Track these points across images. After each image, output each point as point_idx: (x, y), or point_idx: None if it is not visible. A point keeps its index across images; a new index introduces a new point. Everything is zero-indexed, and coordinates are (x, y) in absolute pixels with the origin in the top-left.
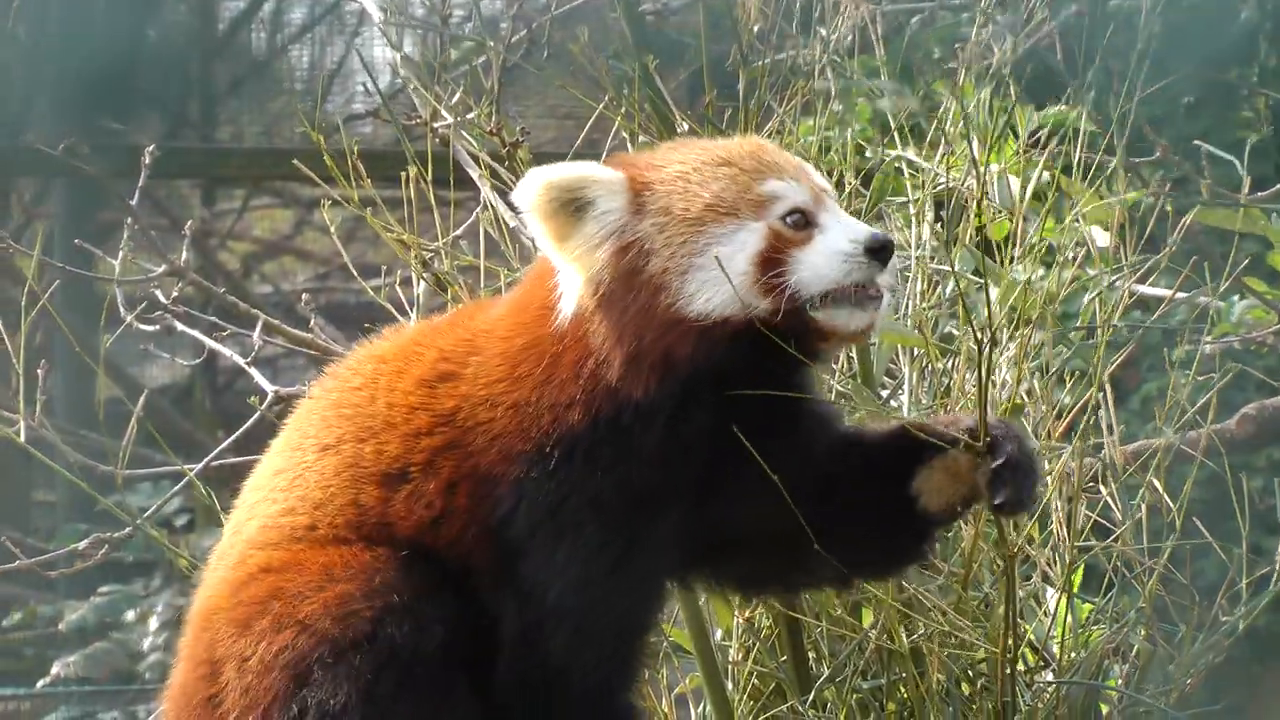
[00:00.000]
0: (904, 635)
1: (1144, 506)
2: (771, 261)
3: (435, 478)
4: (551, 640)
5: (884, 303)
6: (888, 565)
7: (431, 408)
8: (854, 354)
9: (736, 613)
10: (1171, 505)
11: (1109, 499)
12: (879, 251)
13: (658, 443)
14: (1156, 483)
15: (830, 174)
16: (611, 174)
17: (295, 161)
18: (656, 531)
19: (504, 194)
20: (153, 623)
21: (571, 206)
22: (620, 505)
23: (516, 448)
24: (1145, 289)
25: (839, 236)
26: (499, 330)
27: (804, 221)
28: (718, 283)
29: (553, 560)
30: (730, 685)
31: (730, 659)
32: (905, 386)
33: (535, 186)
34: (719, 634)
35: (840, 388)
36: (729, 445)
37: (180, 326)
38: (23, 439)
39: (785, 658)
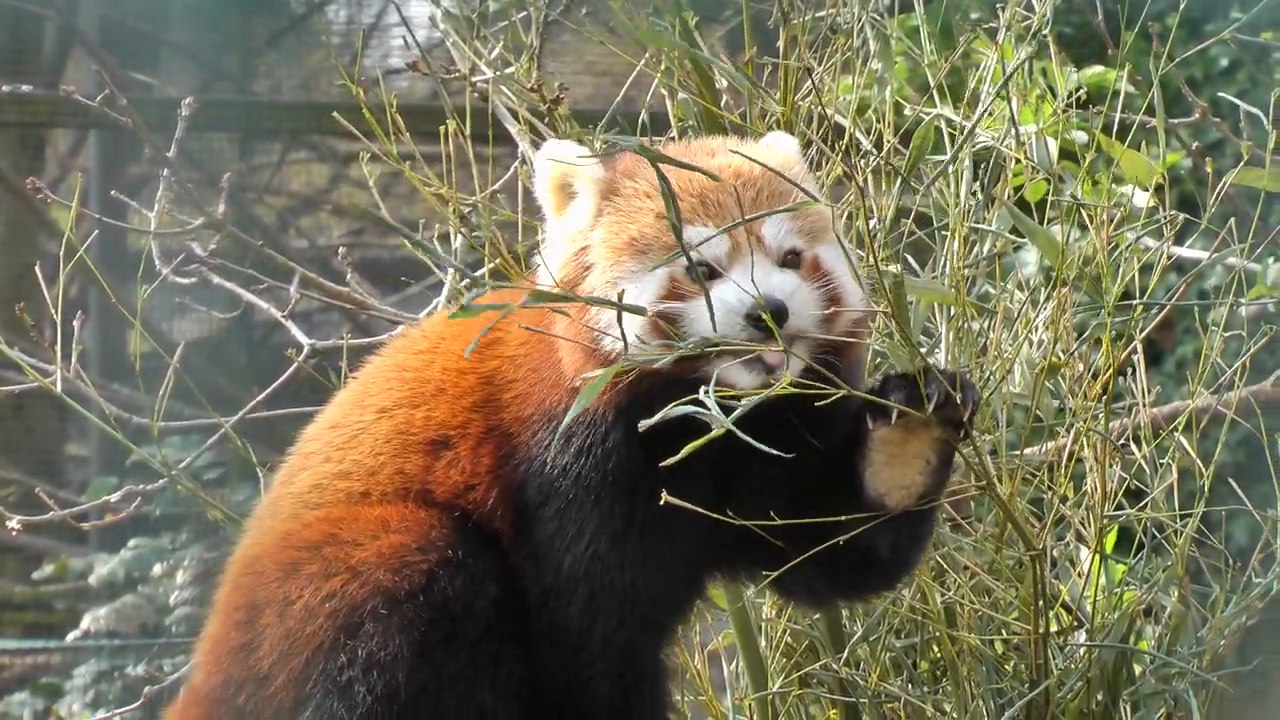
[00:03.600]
0: (938, 595)
1: (1175, 469)
2: (669, 311)
3: (468, 437)
4: (569, 606)
5: (783, 369)
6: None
7: (477, 370)
8: (890, 313)
9: None
10: (1203, 468)
11: (1141, 461)
12: (759, 320)
13: (618, 444)
14: (1187, 444)
15: (869, 132)
16: (595, 172)
17: (335, 115)
18: (660, 516)
19: None
20: (180, 577)
21: (567, 189)
22: (610, 489)
23: (526, 411)
24: (1182, 251)
25: (729, 294)
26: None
27: (708, 274)
28: (624, 320)
29: (563, 531)
30: (763, 642)
31: (763, 616)
32: (941, 345)
33: (548, 156)
34: (752, 591)
35: (877, 347)
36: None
37: (217, 279)
38: (59, 390)
39: (818, 615)
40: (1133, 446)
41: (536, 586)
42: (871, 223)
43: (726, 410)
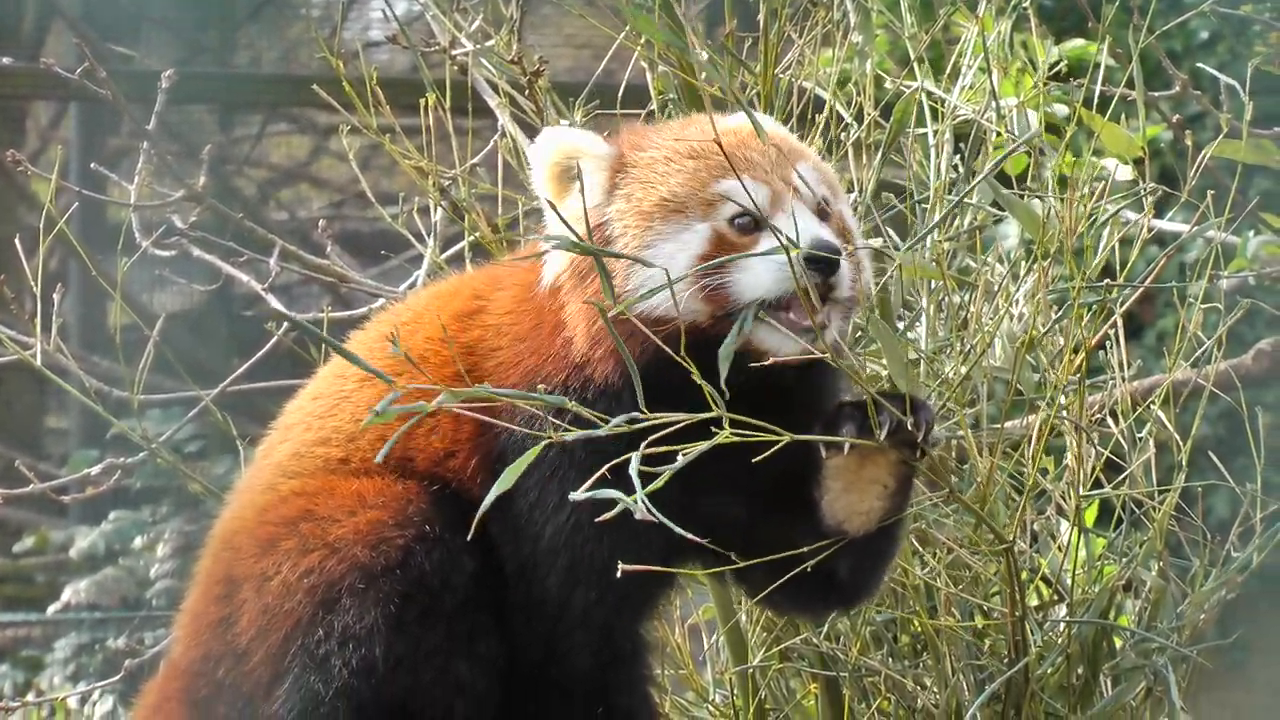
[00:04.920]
0: (918, 569)
1: (1152, 443)
2: (710, 264)
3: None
4: (548, 578)
5: (827, 335)
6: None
7: (459, 339)
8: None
9: None
10: (1180, 441)
11: (1119, 436)
12: (818, 261)
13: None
14: (1165, 418)
15: (849, 105)
16: (602, 149)
17: (315, 87)
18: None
19: (522, 123)
20: (161, 550)
21: (569, 174)
22: (597, 460)
23: (510, 380)
24: (1162, 224)
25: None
26: (520, 264)
27: (752, 225)
28: (660, 280)
29: (544, 502)
30: (744, 617)
31: None
32: (922, 318)
33: (544, 146)
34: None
35: (858, 320)
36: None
37: (197, 252)
38: (39, 363)
39: None
40: (1109, 421)
41: (515, 558)
42: (852, 196)
43: (651, 478)
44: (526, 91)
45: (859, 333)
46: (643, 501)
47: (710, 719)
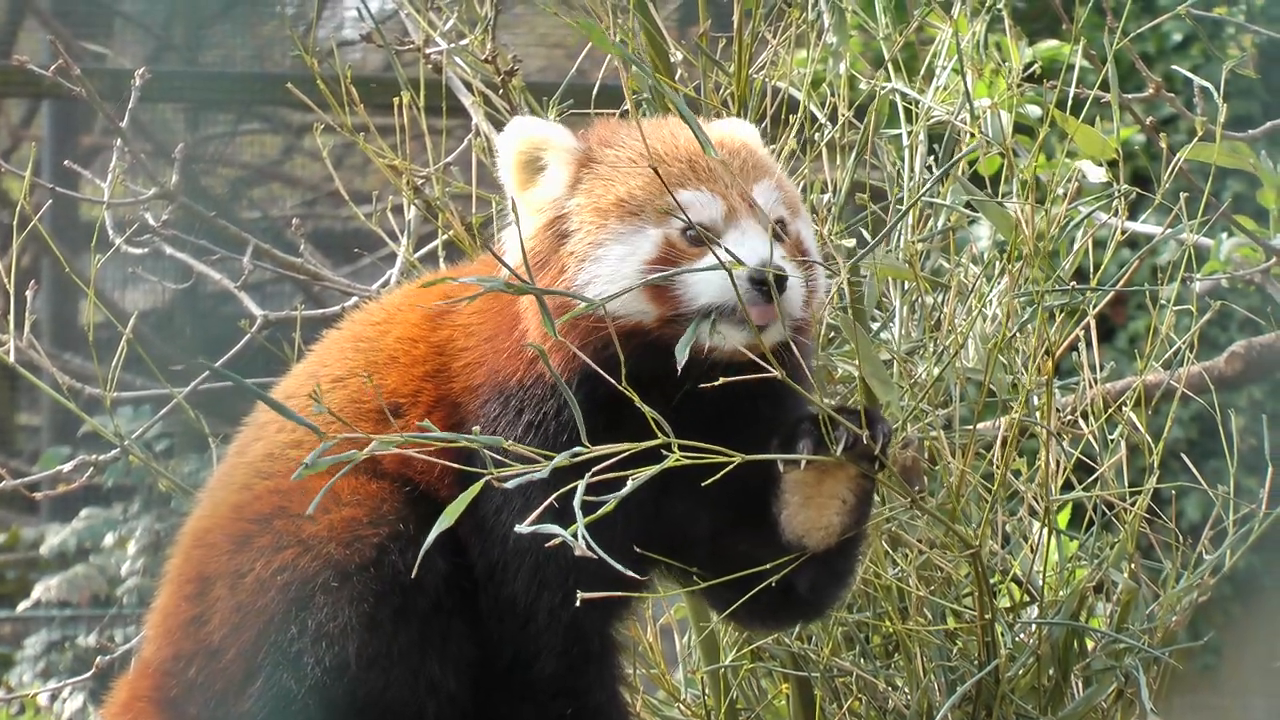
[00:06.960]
0: (889, 570)
1: (1124, 445)
2: (660, 271)
3: (417, 406)
4: (515, 581)
5: (772, 330)
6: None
7: (429, 339)
8: (844, 286)
9: None
10: (1152, 443)
11: (1090, 438)
12: (760, 282)
13: (573, 421)
14: (1136, 420)
15: (823, 106)
16: (569, 143)
17: (289, 86)
18: (605, 492)
19: (496, 122)
20: (131, 547)
21: (534, 164)
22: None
23: (477, 380)
24: (1136, 226)
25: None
26: (491, 262)
27: (701, 238)
28: (608, 279)
29: (509, 503)
30: (715, 617)
31: None
32: (895, 319)
33: (513, 135)
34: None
35: (831, 320)
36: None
37: (169, 250)
38: (12, 359)
39: None
40: (1081, 423)
41: (483, 560)
42: (826, 197)
43: (596, 507)
44: (500, 91)
45: (832, 334)
46: (583, 536)
47: (682, 718)
